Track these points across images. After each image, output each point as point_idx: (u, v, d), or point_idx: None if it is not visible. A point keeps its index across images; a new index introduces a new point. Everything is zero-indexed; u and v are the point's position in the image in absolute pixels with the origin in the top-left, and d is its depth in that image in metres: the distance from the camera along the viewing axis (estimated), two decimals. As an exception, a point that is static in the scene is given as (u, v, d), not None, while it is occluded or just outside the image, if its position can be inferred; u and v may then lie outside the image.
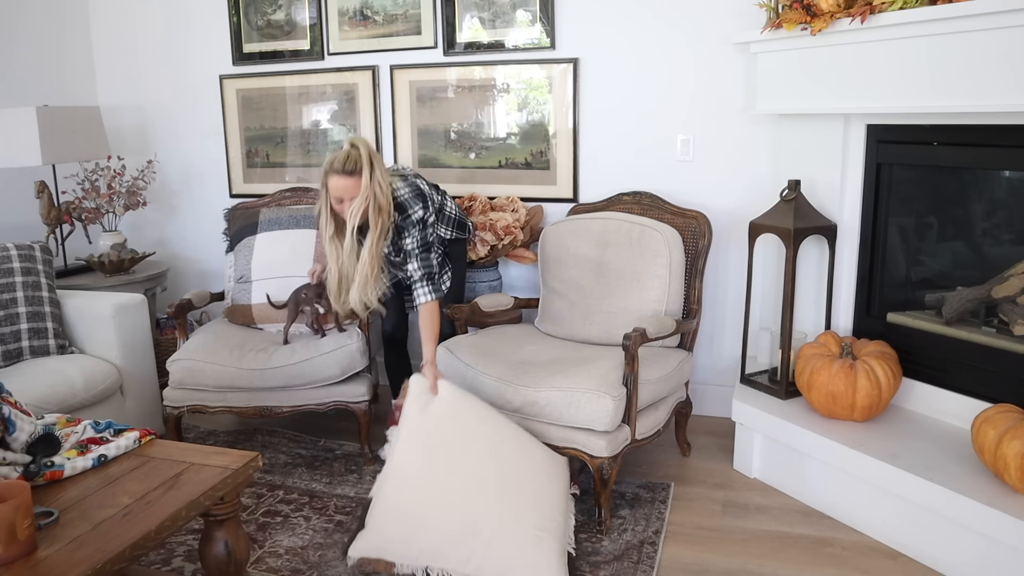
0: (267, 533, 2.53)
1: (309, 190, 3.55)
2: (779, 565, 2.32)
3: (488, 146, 3.59)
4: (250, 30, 3.86)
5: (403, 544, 2.17)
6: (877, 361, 2.57)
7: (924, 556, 2.31)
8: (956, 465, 2.30)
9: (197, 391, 2.94)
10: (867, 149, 2.80)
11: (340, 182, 2.55)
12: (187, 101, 4.04)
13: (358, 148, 2.55)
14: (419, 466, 2.28)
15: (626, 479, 2.84)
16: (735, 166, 3.25)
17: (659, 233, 2.88)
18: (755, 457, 2.86)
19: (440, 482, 2.24)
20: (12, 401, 1.95)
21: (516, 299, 3.16)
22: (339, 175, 2.55)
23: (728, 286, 3.35)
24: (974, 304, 2.60)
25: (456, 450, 2.31)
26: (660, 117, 3.32)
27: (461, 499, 2.21)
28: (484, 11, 3.48)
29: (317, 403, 2.96)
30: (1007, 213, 2.60)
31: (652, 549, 2.40)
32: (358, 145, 2.56)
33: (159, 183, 4.09)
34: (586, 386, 2.45)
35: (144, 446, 2.05)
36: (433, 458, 2.29)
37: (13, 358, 2.89)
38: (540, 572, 2.11)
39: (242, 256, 3.29)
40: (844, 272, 2.90)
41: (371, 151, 2.57)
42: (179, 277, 4.21)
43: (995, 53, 2.21)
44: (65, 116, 3.54)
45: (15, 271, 2.98)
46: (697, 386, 3.36)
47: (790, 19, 2.70)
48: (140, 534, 1.60)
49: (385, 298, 2.75)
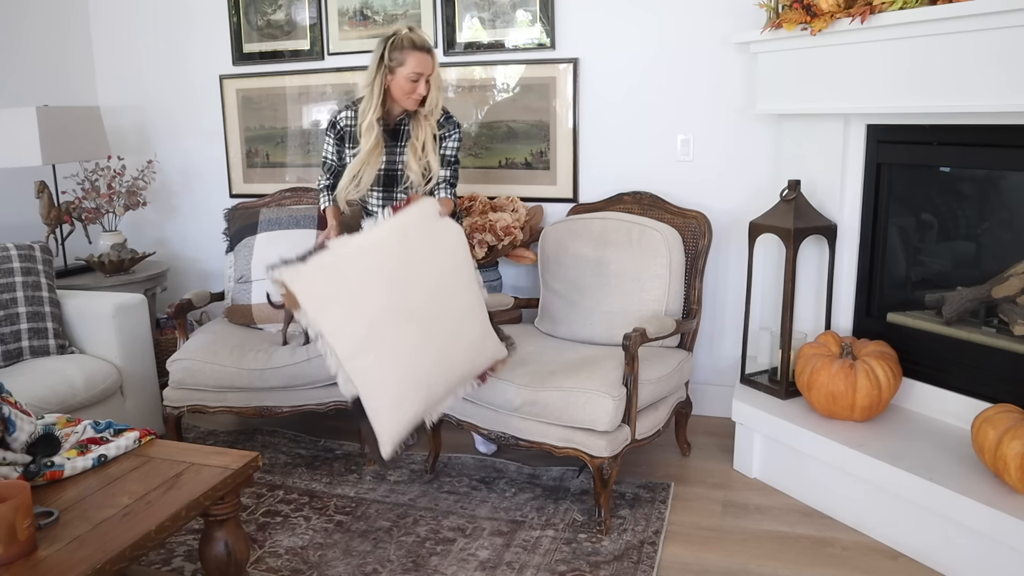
0: (267, 533, 2.53)
1: (309, 190, 3.55)
2: (779, 565, 2.32)
3: (488, 146, 3.59)
4: (250, 30, 3.86)
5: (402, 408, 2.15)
6: (877, 361, 2.57)
7: (924, 556, 2.31)
8: (956, 465, 2.30)
9: (197, 391, 2.94)
10: (867, 149, 2.79)
11: (423, 58, 2.52)
12: (187, 101, 4.04)
13: (419, 30, 2.57)
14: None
15: (626, 479, 2.84)
16: (735, 166, 3.25)
17: (659, 233, 2.88)
18: (755, 457, 2.86)
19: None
20: (12, 401, 1.95)
21: (516, 299, 3.16)
22: (422, 52, 2.52)
23: (728, 286, 3.35)
24: (974, 304, 2.60)
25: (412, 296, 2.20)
26: (660, 117, 3.32)
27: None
28: (484, 11, 3.48)
29: (317, 403, 2.96)
30: (1007, 213, 2.60)
31: (652, 549, 2.41)
32: (415, 28, 2.57)
33: (159, 183, 4.09)
34: (586, 386, 2.45)
35: (144, 446, 2.05)
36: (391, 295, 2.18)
37: (13, 358, 2.89)
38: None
39: (242, 256, 3.29)
40: (844, 272, 2.90)
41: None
42: (179, 277, 4.21)
43: (995, 53, 2.21)
44: (65, 116, 3.54)
45: (15, 271, 2.98)
46: (697, 386, 3.36)
47: (790, 19, 2.70)
48: (140, 534, 1.60)
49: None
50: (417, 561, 2.36)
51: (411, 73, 2.53)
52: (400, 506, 2.70)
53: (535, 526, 2.55)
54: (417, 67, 2.52)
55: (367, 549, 2.43)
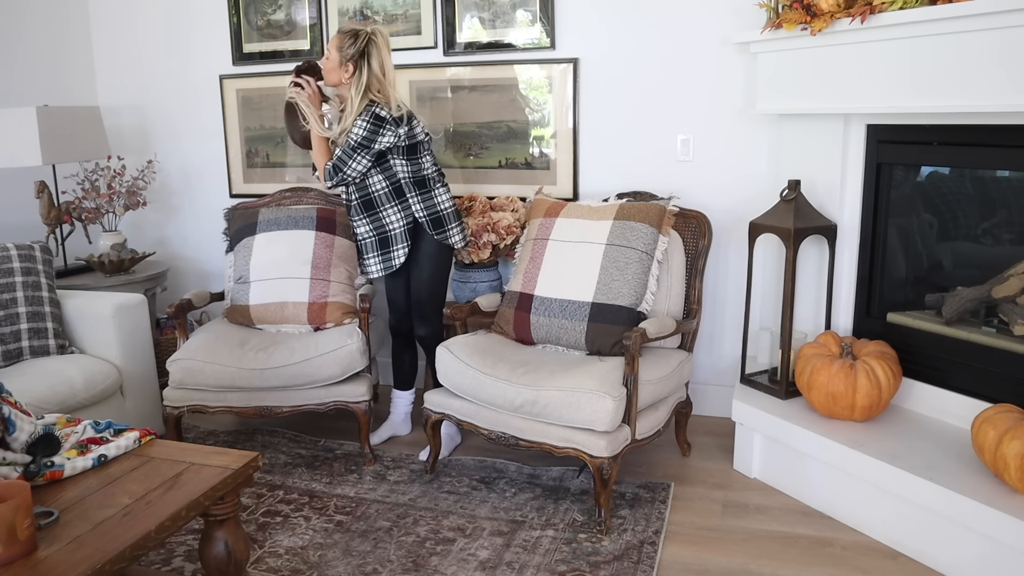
0: (267, 533, 2.53)
1: (309, 190, 3.55)
2: (779, 565, 2.32)
3: (488, 146, 3.59)
4: (250, 30, 3.86)
5: None
6: (877, 361, 2.57)
7: (924, 556, 2.31)
8: (956, 465, 2.30)
9: (197, 391, 2.94)
10: (867, 149, 2.80)
11: (334, 37, 2.90)
12: (187, 101, 4.04)
13: (376, 32, 2.86)
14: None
15: (626, 479, 2.84)
16: (735, 166, 3.25)
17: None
18: (755, 457, 2.86)
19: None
20: (12, 401, 1.95)
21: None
22: (338, 31, 2.90)
23: (728, 286, 3.35)
24: (974, 304, 2.60)
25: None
26: (660, 117, 3.32)
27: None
28: (484, 11, 3.48)
29: (317, 403, 2.96)
30: (1007, 213, 2.60)
31: (652, 549, 2.41)
32: (377, 32, 2.87)
33: (159, 183, 4.09)
34: (587, 386, 2.45)
35: (144, 446, 2.05)
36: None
37: (13, 358, 2.89)
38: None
39: (241, 256, 3.29)
40: (844, 272, 2.90)
41: (380, 43, 2.85)
42: (179, 277, 4.21)
43: (995, 53, 2.21)
44: (65, 116, 3.54)
45: (15, 271, 2.98)
46: (697, 386, 3.36)
47: (790, 19, 2.70)
48: (140, 534, 1.60)
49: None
50: (417, 561, 2.36)
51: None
52: (400, 506, 2.70)
53: (535, 526, 2.55)
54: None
55: (367, 549, 2.43)
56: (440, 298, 3.10)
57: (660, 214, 2.85)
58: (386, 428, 3.25)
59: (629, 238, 2.80)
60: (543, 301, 2.84)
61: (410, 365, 3.26)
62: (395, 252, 3.01)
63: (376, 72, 2.86)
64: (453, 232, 3.05)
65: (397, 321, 3.19)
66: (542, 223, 3.01)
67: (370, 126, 2.81)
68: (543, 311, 2.83)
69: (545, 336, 2.84)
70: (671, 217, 2.87)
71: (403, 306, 3.15)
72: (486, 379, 2.62)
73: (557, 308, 2.80)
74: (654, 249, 2.81)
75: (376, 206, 2.98)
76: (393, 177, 2.95)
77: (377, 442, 3.19)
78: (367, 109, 2.84)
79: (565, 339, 2.80)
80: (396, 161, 2.92)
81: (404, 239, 3.00)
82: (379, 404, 3.49)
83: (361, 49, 2.84)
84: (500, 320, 2.97)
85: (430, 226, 2.98)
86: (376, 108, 2.83)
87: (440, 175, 3.06)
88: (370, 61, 2.84)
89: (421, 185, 2.98)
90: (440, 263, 3.06)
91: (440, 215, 3.00)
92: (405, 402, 3.28)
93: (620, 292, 2.74)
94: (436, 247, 3.02)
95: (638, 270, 2.77)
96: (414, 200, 2.97)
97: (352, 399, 2.97)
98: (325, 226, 3.27)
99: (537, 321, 2.84)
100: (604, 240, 2.82)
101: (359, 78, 2.85)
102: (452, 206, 3.05)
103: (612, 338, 2.70)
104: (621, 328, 2.68)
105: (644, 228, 2.81)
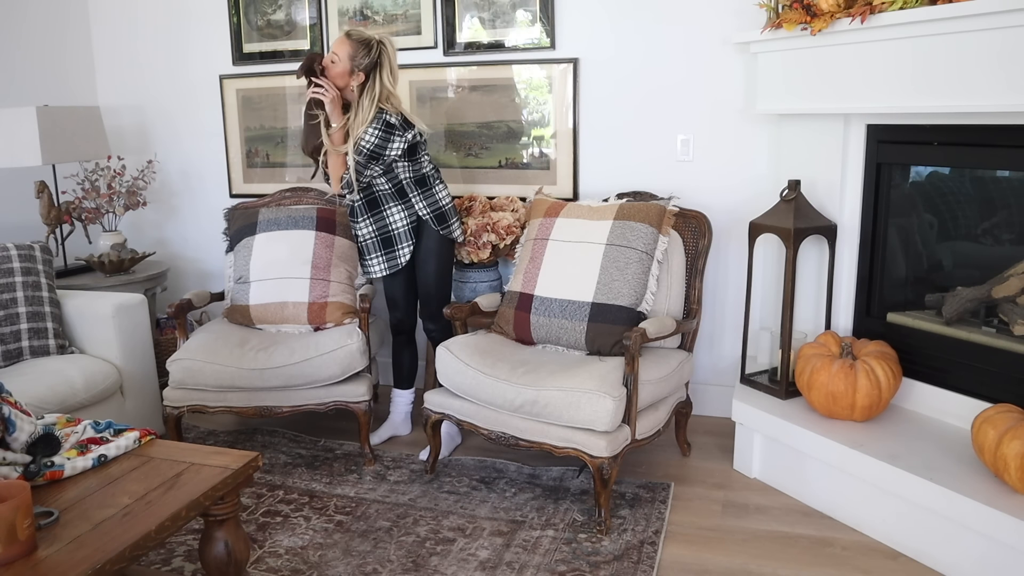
0: (267, 533, 2.53)
1: (309, 190, 3.55)
2: (779, 565, 2.32)
3: (488, 146, 3.59)
4: (250, 30, 3.85)
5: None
6: (877, 361, 2.57)
7: (924, 556, 2.31)
8: (956, 465, 2.30)
9: (197, 391, 2.94)
10: (867, 149, 2.80)
11: (337, 41, 2.88)
12: (187, 101, 4.04)
13: (385, 40, 2.88)
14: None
15: (626, 479, 2.84)
16: (735, 166, 3.25)
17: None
18: (755, 457, 2.86)
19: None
20: (12, 401, 1.94)
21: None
22: (342, 36, 2.88)
23: (728, 286, 3.35)
24: (974, 304, 2.60)
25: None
26: (660, 117, 3.32)
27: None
28: (484, 11, 3.48)
29: (317, 403, 2.96)
30: (1007, 213, 2.60)
31: (652, 549, 2.41)
32: (386, 40, 2.89)
33: (159, 183, 4.09)
34: (587, 386, 2.45)
35: (144, 446, 2.05)
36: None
37: (13, 358, 2.89)
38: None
39: (241, 256, 3.29)
40: (844, 272, 2.90)
41: (390, 52, 2.88)
42: (179, 277, 4.21)
43: (995, 53, 2.21)
44: (65, 116, 3.54)
45: (15, 271, 2.98)
46: (697, 386, 3.36)
47: (790, 19, 2.70)
48: (140, 534, 1.60)
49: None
50: (417, 561, 2.36)
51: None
52: (400, 506, 2.70)
53: (535, 526, 2.55)
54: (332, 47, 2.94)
55: (367, 549, 2.43)
56: (447, 292, 3.16)
57: (660, 214, 2.85)
58: (386, 428, 3.25)
59: (629, 238, 2.80)
60: (543, 301, 2.84)
61: (410, 365, 3.26)
62: (399, 251, 3.05)
63: (387, 84, 2.88)
64: (455, 226, 3.12)
65: (398, 320, 3.20)
66: (542, 223, 3.01)
67: (382, 134, 2.84)
68: (543, 311, 2.83)
69: (545, 336, 2.85)
70: (671, 217, 2.87)
71: (403, 305, 3.17)
72: (486, 379, 2.62)
73: (557, 308, 2.80)
74: (654, 249, 2.81)
75: (380, 205, 3.03)
76: (396, 178, 2.97)
77: (377, 442, 3.19)
78: (378, 117, 2.85)
79: (565, 339, 2.80)
80: (399, 163, 2.93)
81: (408, 238, 3.04)
82: (379, 404, 3.49)
83: (375, 60, 2.85)
84: (500, 320, 2.97)
85: (435, 222, 3.03)
86: (386, 116, 2.85)
87: (437, 172, 3.09)
88: (382, 72, 2.87)
89: (422, 183, 3.00)
90: (445, 257, 3.12)
91: (443, 210, 3.06)
92: (405, 402, 3.28)
93: (620, 292, 2.74)
94: (440, 242, 3.07)
95: (638, 270, 2.77)
96: (416, 199, 3.00)
97: (352, 399, 2.97)
98: (325, 226, 3.27)
99: (537, 321, 2.84)
100: (604, 240, 2.82)
101: (372, 88, 2.87)
102: (451, 201, 3.10)
103: (612, 338, 2.70)
104: (621, 328, 2.68)
105: (644, 228, 2.81)
